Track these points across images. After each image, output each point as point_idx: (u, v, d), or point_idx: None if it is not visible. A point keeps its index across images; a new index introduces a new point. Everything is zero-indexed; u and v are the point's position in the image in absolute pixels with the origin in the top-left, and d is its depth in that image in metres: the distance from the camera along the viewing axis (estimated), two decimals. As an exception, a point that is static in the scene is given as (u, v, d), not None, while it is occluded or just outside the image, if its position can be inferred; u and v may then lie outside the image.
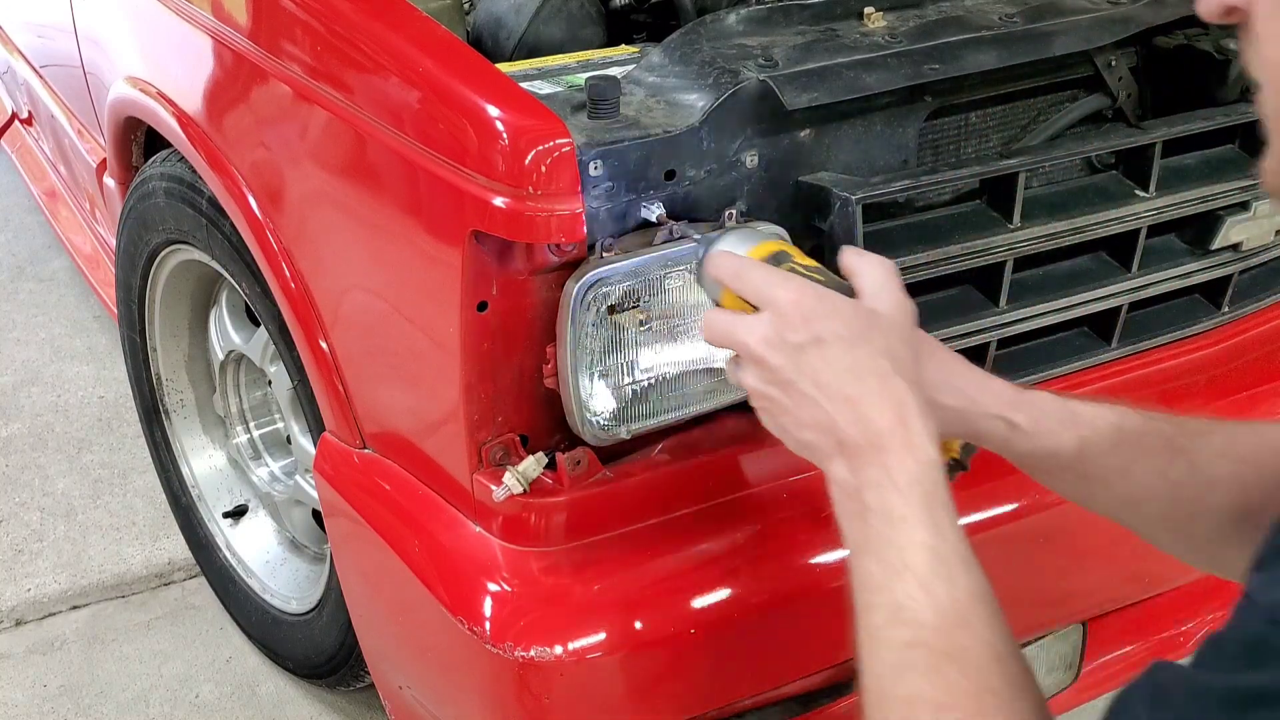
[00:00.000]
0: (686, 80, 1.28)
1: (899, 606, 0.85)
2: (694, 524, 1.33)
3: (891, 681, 0.84)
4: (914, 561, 0.86)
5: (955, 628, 0.83)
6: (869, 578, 0.88)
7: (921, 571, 0.85)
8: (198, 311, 2.09)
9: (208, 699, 2.08)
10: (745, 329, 0.97)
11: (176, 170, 1.80)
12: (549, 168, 1.14)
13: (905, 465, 0.89)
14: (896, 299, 0.99)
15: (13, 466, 2.67)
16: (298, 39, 1.42)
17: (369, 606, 1.61)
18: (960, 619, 0.84)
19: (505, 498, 1.26)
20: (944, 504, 0.89)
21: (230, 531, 2.15)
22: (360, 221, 1.39)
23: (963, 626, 0.84)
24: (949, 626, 0.83)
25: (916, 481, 0.88)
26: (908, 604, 0.85)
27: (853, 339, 0.93)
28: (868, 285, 0.99)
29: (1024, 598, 1.48)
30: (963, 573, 0.86)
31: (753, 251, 1.07)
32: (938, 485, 0.89)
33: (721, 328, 1.00)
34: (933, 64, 1.32)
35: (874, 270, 1.00)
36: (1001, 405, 1.08)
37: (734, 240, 1.10)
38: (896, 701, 0.83)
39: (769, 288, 0.97)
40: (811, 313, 0.94)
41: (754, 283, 0.99)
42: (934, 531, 0.87)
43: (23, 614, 2.27)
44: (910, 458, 0.89)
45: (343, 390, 1.51)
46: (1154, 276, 1.52)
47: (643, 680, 1.31)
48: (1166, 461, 1.05)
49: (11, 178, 3.71)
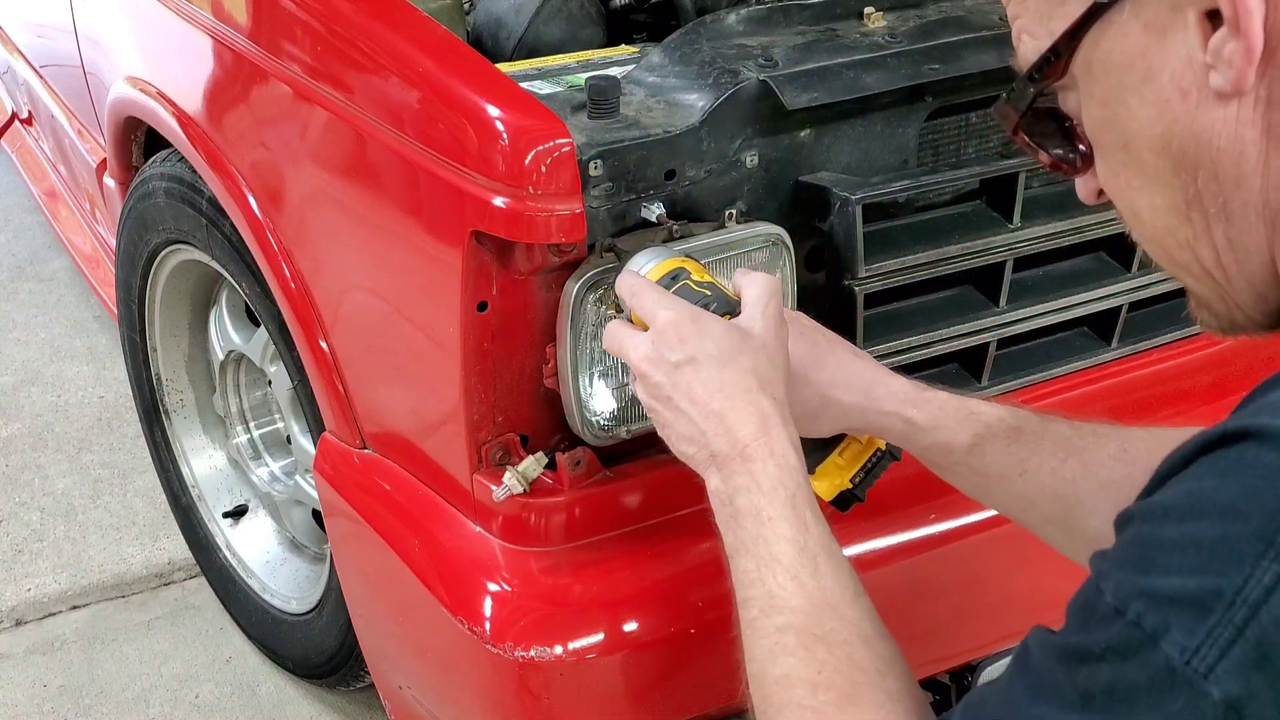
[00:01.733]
0: (686, 80, 1.28)
1: (771, 596, 0.92)
2: (694, 524, 1.33)
3: (768, 664, 0.91)
4: (781, 554, 0.93)
5: (822, 611, 0.90)
6: (744, 574, 0.95)
7: (789, 563, 0.93)
8: (198, 311, 2.09)
9: (208, 699, 2.08)
10: (632, 345, 1.05)
11: (176, 170, 1.80)
12: (549, 168, 1.14)
13: (769, 471, 0.96)
14: (773, 319, 1.05)
15: (13, 466, 2.67)
16: (298, 39, 1.42)
17: (369, 606, 1.61)
18: (826, 604, 0.91)
19: (505, 498, 1.26)
20: (807, 502, 0.96)
21: (230, 531, 2.15)
22: (360, 221, 1.39)
23: (829, 610, 0.90)
24: (816, 610, 0.90)
25: (780, 484, 0.96)
26: (779, 593, 0.92)
27: (722, 359, 1.01)
28: (748, 300, 1.06)
29: (1024, 598, 1.48)
30: (827, 563, 0.93)
31: (653, 270, 1.12)
32: (800, 487, 0.97)
33: (615, 341, 1.08)
34: (933, 64, 1.33)
35: (755, 289, 1.07)
36: (898, 403, 1.15)
37: (641, 259, 1.15)
38: (773, 682, 0.90)
39: (654, 308, 1.05)
40: (687, 334, 1.02)
41: (644, 303, 1.07)
42: (799, 527, 0.94)
43: (23, 614, 2.27)
44: (773, 463, 0.97)
45: (343, 390, 1.51)
46: (1154, 276, 1.52)
47: (642, 680, 1.31)
48: (1060, 461, 1.10)
49: (11, 178, 3.71)
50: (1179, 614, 0.65)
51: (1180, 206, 0.76)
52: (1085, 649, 0.69)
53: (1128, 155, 0.77)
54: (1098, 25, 0.75)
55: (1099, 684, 0.68)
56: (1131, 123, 0.75)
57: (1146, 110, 0.74)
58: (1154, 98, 0.73)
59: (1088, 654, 0.69)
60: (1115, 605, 0.68)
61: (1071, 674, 0.70)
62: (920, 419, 1.14)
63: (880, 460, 1.20)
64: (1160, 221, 0.78)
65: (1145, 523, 0.70)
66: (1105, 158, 0.79)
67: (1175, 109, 0.73)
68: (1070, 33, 0.76)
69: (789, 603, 0.91)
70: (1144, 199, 0.78)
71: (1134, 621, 0.66)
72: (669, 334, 1.02)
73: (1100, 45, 0.75)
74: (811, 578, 0.92)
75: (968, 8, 1.46)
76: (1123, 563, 0.70)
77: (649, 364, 1.03)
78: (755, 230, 1.25)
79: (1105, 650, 0.68)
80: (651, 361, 1.03)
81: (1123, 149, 0.77)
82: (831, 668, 0.88)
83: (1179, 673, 0.64)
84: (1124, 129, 0.76)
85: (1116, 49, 0.74)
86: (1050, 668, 0.72)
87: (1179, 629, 0.65)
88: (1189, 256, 0.78)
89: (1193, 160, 0.73)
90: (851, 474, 1.19)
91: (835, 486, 1.19)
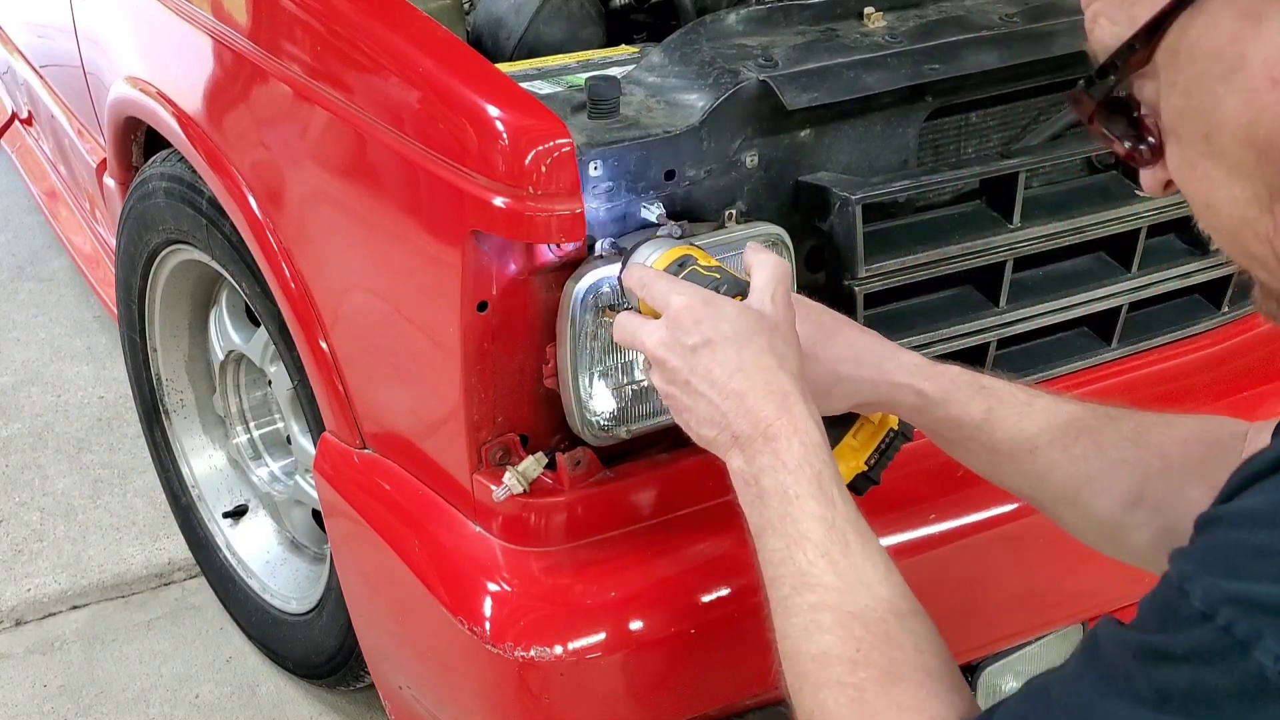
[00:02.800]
0: (686, 80, 1.28)
1: (802, 573, 0.92)
2: (694, 524, 1.33)
3: (803, 642, 0.90)
4: (810, 531, 0.93)
5: (855, 589, 0.90)
6: (773, 554, 0.94)
7: (818, 540, 0.92)
8: (198, 311, 2.09)
9: (208, 699, 2.08)
10: (646, 333, 1.05)
11: (176, 170, 1.80)
12: (549, 168, 1.14)
13: (794, 449, 0.96)
14: (782, 301, 1.05)
15: (13, 466, 2.67)
16: (298, 39, 1.42)
17: (369, 606, 1.61)
18: (859, 581, 0.90)
19: (505, 498, 1.26)
20: (833, 479, 0.96)
21: (230, 531, 2.15)
22: (360, 221, 1.39)
23: (862, 587, 0.90)
24: (849, 588, 0.90)
25: (805, 462, 0.95)
26: (809, 570, 0.91)
27: (739, 339, 1.01)
28: (757, 284, 1.06)
29: (1025, 598, 1.49)
30: (857, 539, 0.93)
31: (659, 259, 1.13)
32: (826, 464, 0.96)
33: (627, 331, 1.08)
34: (933, 64, 1.33)
35: (763, 274, 1.06)
36: (910, 375, 1.14)
37: (646, 250, 1.15)
38: (809, 659, 0.89)
39: (666, 294, 1.05)
40: (702, 316, 1.02)
41: (655, 292, 1.06)
42: (827, 504, 0.94)
43: (23, 614, 2.27)
44: (798, 441, 0.96)
45: (343, 390, 1.51)
46: (1154, 276, 1.52)
47: (643, 680, 1.31)
48: (1071, 439, 1.10)
49: (11, 178, 3.71)
50: (1273, 622, 0.65)
51: (1262, 198, 0.74)
52: (1165, 649, 0.69)
53: (1209, 145, 0.75)
54: (1187, 11, 0.73)
55: (1179, 686, 0.68)
56: (1216, 112, 0.73)
57: (1234, 99, 0.72)
58: (1243, 86, 0.72)
59: (1168, 654, 0.69)
60: (1203, 610, 0.67)
61: (1148, 672, 0.70)
62: (932, 391, 1.13)
63: (893, 441, 1.20)
64: (1239, 213, 0.75)
65: (1233, 528, 0.70)
66: (1182, 148, 0.77)
67: (1265, 98, 0.71)
68: (1158, 19, 0.74)
69: (821, 580, 0.91)
70: (1222, 190, 0.75)
71: (1223, 627, 0.66)
72: (684, 318, 1.02)
73: (1189, 32, 0.73)
74: (842, 555, 0.91)
75: (968, 8, 1.46)
76: (1209, 566, 0.69)
77: (665, 349, 1.02)
78: (755, 230, 1.25)
79: (1188, 653, 0.68)
80: (668, 347, 1.02)
81: (1204, 139, 0.75)
82: (869, 645, 0.87)
83: (1272, 681, 0.64)
84: (1207, 118, 0.74)
85: (1205, 36, 0.73)
86: (1124, 663, 0.71)
87: (1273, 637, 0.64)
88: (1265, 250, 0.76)
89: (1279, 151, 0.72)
90: (866, 455, 1.19)
91: (851, 470, 1.19)
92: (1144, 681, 0.70)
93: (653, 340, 1.04)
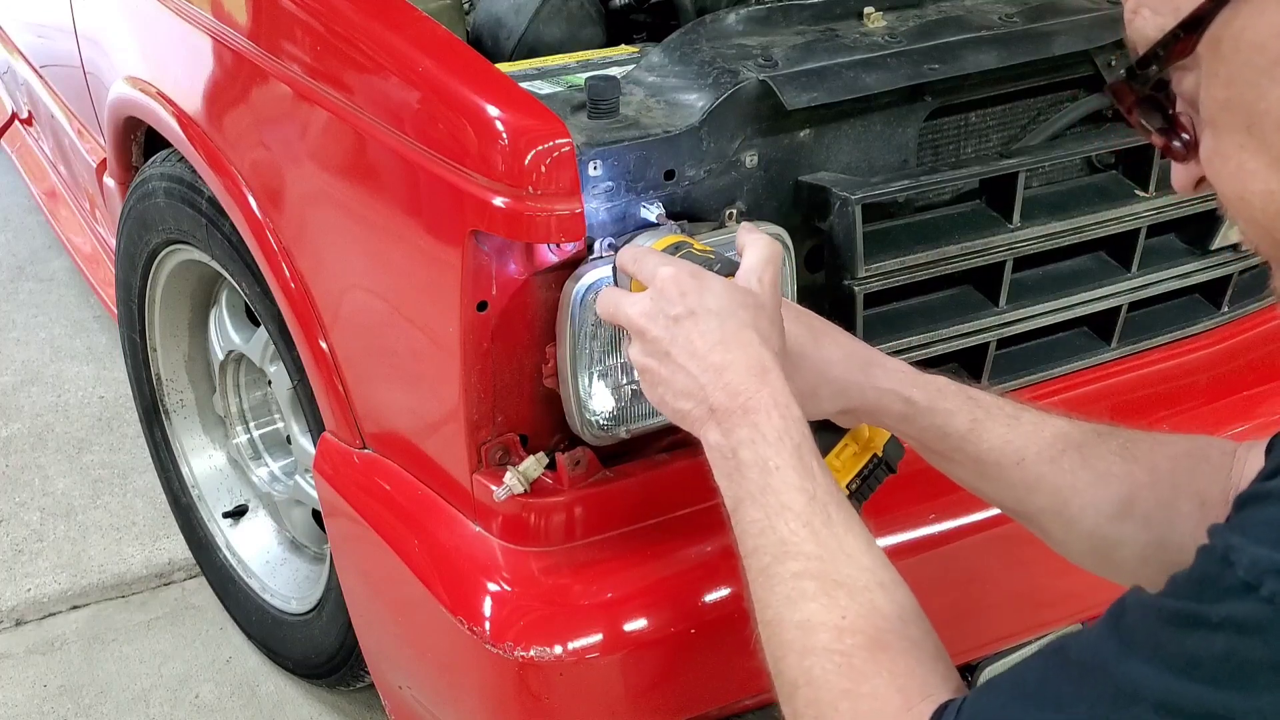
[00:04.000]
0: (686, 80, 1.28)
1: (784, 542, 0.91)
2: (694, 524, 1.33)
3: (786, 609, 0.90)
4: (791, 502, 0.92)
5: (838, 558, 0.90)
6: (752, 525, 0.94)
7: (799, 510, 0.92)
8: (198, 311, 2.09)
9: (208, 699, 2.08)
10: (629, 303, 1.04)
11: (176, 170, 1.80)
12: (549, 168, 1.14)
13: (773, 421, 0.96)
14: (770, 281, 1.05)
15: (13, 466, 2.67)
16: (298, 39, 1.42)
17: (369, 606, 1.61)
18: (841, 551, 0.90)
19: (506, 498, 1.26)
20: (812, 452, 0.96)
21: (230, 531, 2.15)
22: (360, 221, 1.39)
23: (844, 557, 0.90)
24: (832, 557, 0.90)
25: (785, 434, 0.95)
26: (791, 539, 0.91)
27: (722, 312, 1.00)
28: (747, 264, 1.06)
29: (1023, 597, 1.49)
30: (838, 511, 0.93)
31: (655, 245, 1.13)
32: (805, 437, 0.96)
33: (611, 303, 1.07)
34: (933, 64, 1.33)
35: (757, 251, 1.06)
36: (897, 381, 1.14)
37: (643, 237, 1.17)
38: (793, 627, 0.89)
39: (655, 267, 1.05)
40: (688, 288, 1.01)
41: (645, 265, 1.06)
42: (806, 476, 0.94)
43: (23, 614, 2.27)
44: (777, 414, 0.96)
45: (343, 390, 1.51)
46: (1154, 276, 1.52)
47: (643, 680, 1.31)
48: (1059, 451, 1.09)
49: (11, 178, 3.71)
50: None
51: None
52: (1199, 616, 0.68)
53: (1249, 138, 0.74)
54: (1234, 2, 0.73)
55: (1212, 654, 0.67)
56: (1260, 103, 0.73)
57: (1278, 91, 0.72)
58: None
59: (1202, 621, 0.68)
60: (1247, 580, 0.67)
61: (1180, 639, 0.69)
62: (919, 398, 1.13)
63: (875, 470, 1.18)
64: (1274, 207, 0.75)
65: None
66: (1221, 140, 0.76)
67: None
68: (1203, 10, 0.74)
69: (803, 549, 0.90)
70: (1259, 184, 0.75)
71: (1267, 599, 0.65)
72: (669, 289, 1.02)
73: (1234, 23, 0.73)
74: (824, 525, 0.91)
75: (968, 8, 1.46)
76: (1258, 539, 0.68)
77: (647, 319, 1.02)
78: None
79: (1224, 621, 0.67)
80: (649, 316, 1.02)
81: (1245, 131, 0.74)
82: (855, 612, 0.87)
83: None
84: (1250, 110, 0.74)
85: (1251, 27, 0.72)
86: (1151, 629, 0.71)
87: None
88: None
89: None
90: (847, 480, 1.18)
91: None
92: (1175, 647, 0.69)
93: (635, 309, 1.03)
